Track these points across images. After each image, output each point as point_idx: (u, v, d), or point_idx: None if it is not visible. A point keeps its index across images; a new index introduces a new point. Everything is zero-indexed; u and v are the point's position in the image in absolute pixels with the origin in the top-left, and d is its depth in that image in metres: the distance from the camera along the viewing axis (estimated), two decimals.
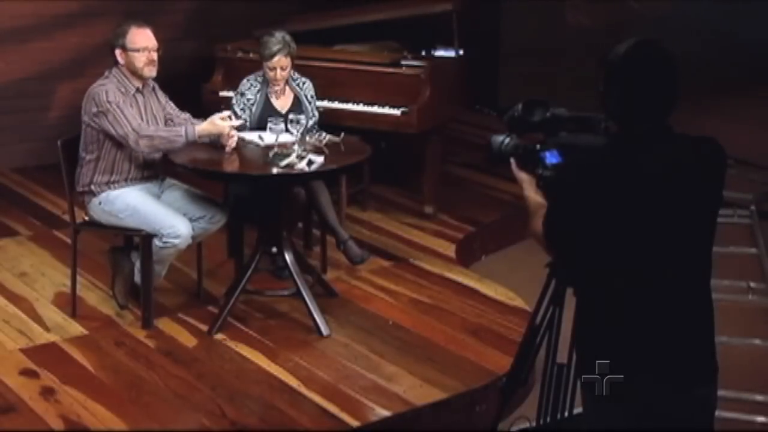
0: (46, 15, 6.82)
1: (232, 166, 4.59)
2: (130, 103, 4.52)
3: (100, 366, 4.22)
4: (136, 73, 4.52)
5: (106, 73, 4.56)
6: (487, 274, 5.38)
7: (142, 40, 4.49)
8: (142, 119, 4.55)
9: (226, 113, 4.61)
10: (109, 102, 4.43)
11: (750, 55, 9.32)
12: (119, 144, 4.47)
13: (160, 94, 4.73)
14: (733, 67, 9.19)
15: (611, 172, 2.45)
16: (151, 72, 4.53)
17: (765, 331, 4.89)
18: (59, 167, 4.65)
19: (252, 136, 4.77)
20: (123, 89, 4.51)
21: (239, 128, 4.92)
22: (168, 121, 4.71)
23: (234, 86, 5.35)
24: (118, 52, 4.51)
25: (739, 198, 6.20)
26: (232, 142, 4.59)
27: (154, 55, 4.51)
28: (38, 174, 6.66)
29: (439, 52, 6.19)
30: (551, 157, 2.67)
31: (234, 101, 5.14)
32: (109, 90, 4.46)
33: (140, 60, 4.49)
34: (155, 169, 4.68)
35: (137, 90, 4.56)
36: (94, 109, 4.45)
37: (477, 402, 4.08)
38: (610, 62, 2.49)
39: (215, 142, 4.59)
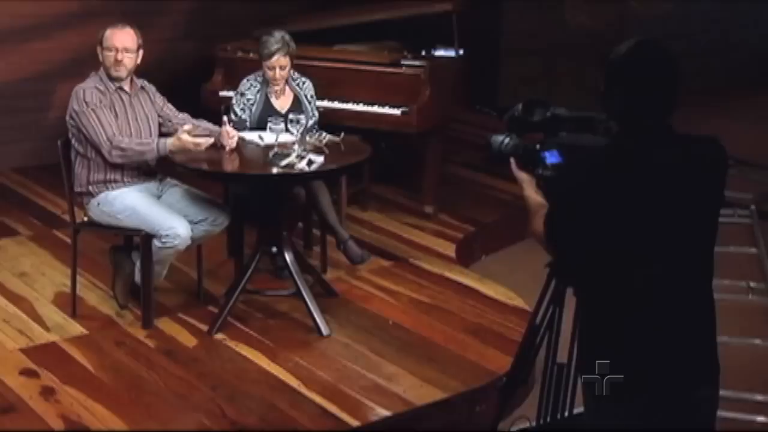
0: (46, 15, 6.82)
1: (232, 166, 4.59)
2: (110, 101, 4.51)
3: (100, 366, 4.22)
4: (107, 71, 4.54)
5: (92, 73, 4.58)
6: (487, 274, 5.38)
7: (113, 40, 4.50)
8: (128, 118, 4.55)
9: (188, 127, 4.55)
10: (85, 103, 4.44)
11: (750, 55, 9.34)
12: None
13: (157, 96, 4.72)
14: (733, 67, 9.21)
15: (612, 172, 2.45)
16: (117, 72, 4.52)
17: (765, 331, 4.89)
18: (59, 167, 4.65)
19: (252, 136, 4.78)
20: (102, 87, 4.52)
21: (239, 128, 4.93)
22: (166, 122, 4.71)
23: (234, 86, 5.35)
24: (98, 48, 4.55)
25: (739, 198, 6.20)
26: (231, 143, 4.59)
27: (122, 57, 4.50)
28: (38, 174, 6.66)
29: (439, 52, 6.18)
30: (551, 157, 2.67)
31: (234, 101, 5.14)
32: (86, 89, 4.48)
33: (108, 59, 4.51)
34: (151, 167, 4.67)
35: (119, 88, 4.56)
36: (76, 107, 4.47)
37: (477, 402, 4.08)
38: (610, 62, 2.49)
39: (215, 142, 4.59)
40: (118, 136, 4.47)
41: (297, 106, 5.10)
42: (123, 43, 4.50)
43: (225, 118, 4.74)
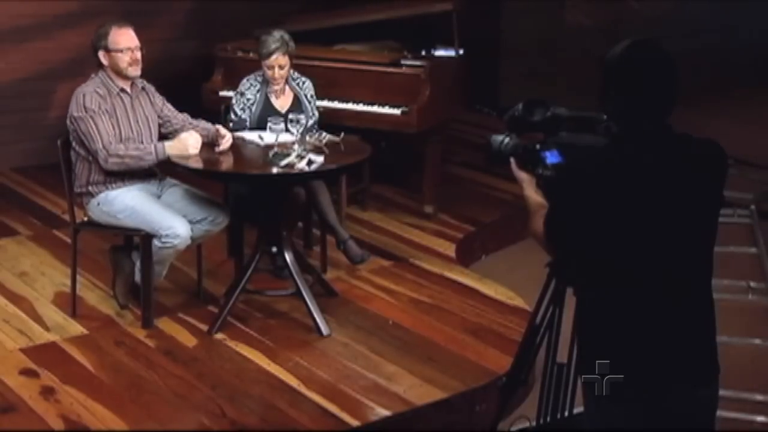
0: (46, 15, 6.83)
1: (231, 165, 4.59)
2: (111, 105, 4.49)
3: (100, 366, 4.22)
4: (120, 74, 4.51)
5: (93, 75, 4.56)
6: (487, 274, 5.38)
7: (125, 41, 4.48)
8: (129, 121, 4.54)
9: (196, 123, 4.62)
10: (85, 108, 4.41)
11: (750, 55, 9.34)
12: None
13: (156, 96, 4.72)
14: (733, 67, 9.21)
15: (612, 172, 2.45)
16: (135, 71, 4.52)
17: (765, 331, 4.89)
18: (59, 167, 4.65)
19: (252, 136, 4.78)
20: (105, 90, 4.48)
21: (239, 128, 4.92)
22: (166, 123, 4.71)
23: (234, 86, 5.35)
24: (101, 53, 4.50)
25: (739, 198, 6.20)
26: (225, 144, 4.59)
27: (138, 55, 4.50)
28: (38, 174, 6.66)
29: (439, 52, 6.19)
30: (551, 157, 2.67)
31: (234, 101, 5.14)
32: (87, 93, 4.44)
33: (124, 60, 4.48)
34: (152, 168, 4.67)
35: (122, 90, 4.54)
36: (75, 113, 4.44)
37: (477, 402, 4.08)
38: (607, 63, 2.49)
39: (213, 142, 4.60)
40: (114, 143, 4.43)
41: (297, 105, 5.10)
42: (133, 41, 4.49)
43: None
